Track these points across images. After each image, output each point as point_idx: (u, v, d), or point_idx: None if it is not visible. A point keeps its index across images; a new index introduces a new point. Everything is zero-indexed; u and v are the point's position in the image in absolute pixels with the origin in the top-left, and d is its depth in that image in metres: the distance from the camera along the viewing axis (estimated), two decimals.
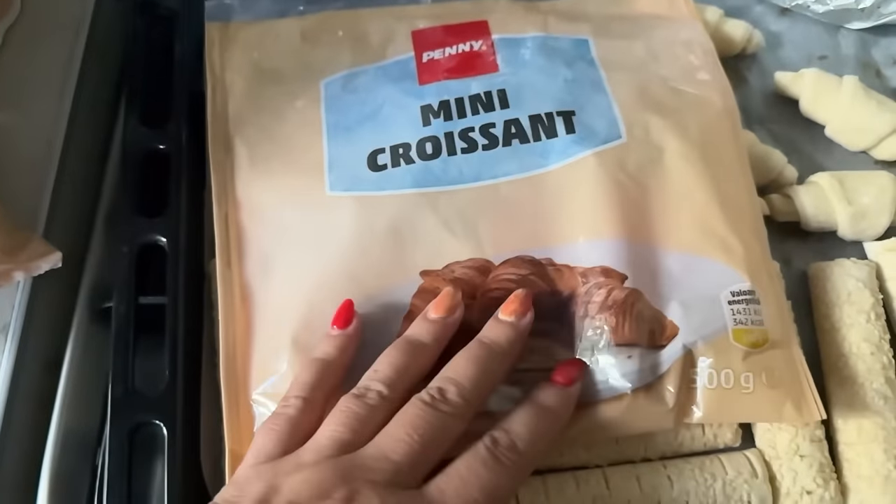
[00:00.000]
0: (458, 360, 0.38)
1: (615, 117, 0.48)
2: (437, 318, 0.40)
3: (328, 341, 0.40)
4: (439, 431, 0.34)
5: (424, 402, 0.35)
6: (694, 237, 0.45)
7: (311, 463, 0.33)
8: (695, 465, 0.43)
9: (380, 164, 0.47)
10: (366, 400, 0.36)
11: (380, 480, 0.32)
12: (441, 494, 0.33)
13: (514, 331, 0.40)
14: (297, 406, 0.37)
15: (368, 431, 0.34)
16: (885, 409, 0.44)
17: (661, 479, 0.42)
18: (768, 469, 0.44)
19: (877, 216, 0.50)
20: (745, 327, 0.42)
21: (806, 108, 0.56)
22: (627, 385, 0.41)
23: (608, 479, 0.43)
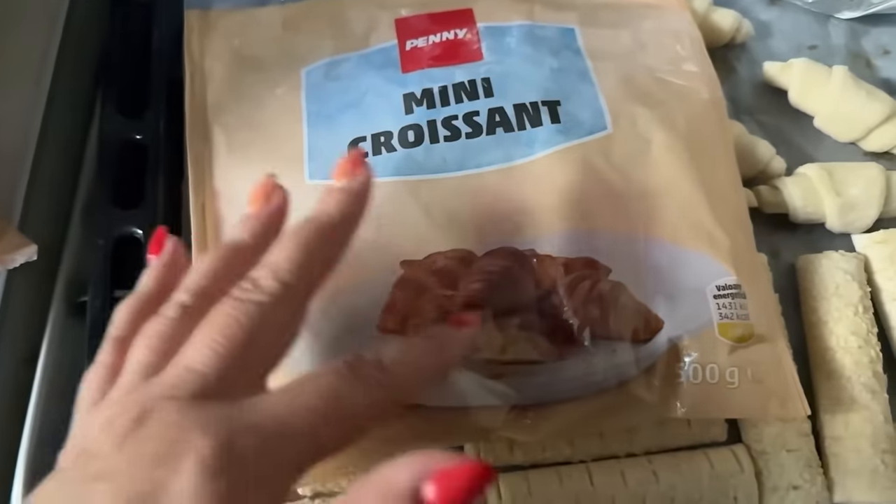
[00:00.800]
0: (276, 243, 0.33)
1: (601, 108, 0.47)
2: (252, 212, 0.35)
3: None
4: (257, 326, 0.29)
5: (233, 298, 0.30)
6: (680, 230, 0.44)
7: (115, 400, 0.29)
8: (681, 460, 0.43)
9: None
10: (167, 315, 0.30)
11: (182, 395, 0.27)
12: (269, 403, 0.27)
13: (346, 195, 0.35)
14: (108, 351, 0.32)
15: (174, 348, 0.29)
16: (873, 402, 0.43)
17: (647, 475, 0.42)
18: (755, 464, 0.43)
19: (865, 208, 0.49)
20: (730, 321, 0.42)
21: (795, 99, 0.55)
22: (611, 379, 0.40)
23: (592, 475, 0.42)
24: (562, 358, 0.41)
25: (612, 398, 0.40)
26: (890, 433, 0.43)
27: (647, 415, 0.41)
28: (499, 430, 0.41)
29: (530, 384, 0.41)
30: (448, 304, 0.42)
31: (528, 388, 0.41)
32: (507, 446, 0.43)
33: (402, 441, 0.40)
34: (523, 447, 0.43)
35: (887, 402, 0.44)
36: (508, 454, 0.43)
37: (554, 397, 0.41)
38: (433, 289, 0.42)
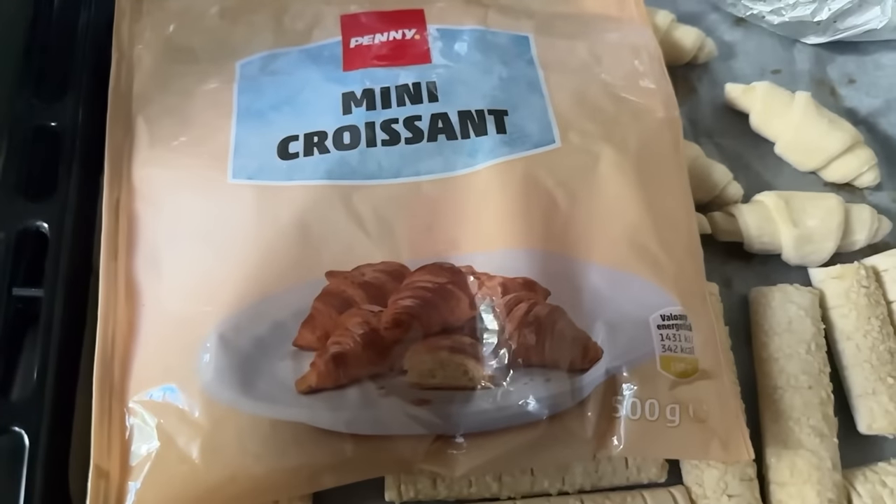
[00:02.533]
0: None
1: (549, 121, 0.44)
2: None
3: None
4: None
5: None
6: (624, 253, 0.41)
7: None
8: (615, 501, 0.40)
9: (291, 151, 0.43)
10: None
11: None
12: None
13: None
14: None
15: None
16: (821, 447, 0.41)
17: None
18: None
19: (822, 240, 0.47)
20: (673, 354, 0.39)
21: (756, 123, 0.53)
22: (544, 411, 0.37)
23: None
24: (494, 385, 0.38)
25: (544, 431, 0.37)
26: (837, 481, 0.41)
27: (581, 450, 0.38)
28: (421, 462, 0.38)
29: (458, 412, 0.38)
30: (374, 321, 0.39)
31: (455, 416, 0.38)
32: (430, 480, 0.40)
33: (315, 471, 0.37)
34: (447, 481, 0.40)
35: (836, 447, 0.42)
36: (431, 488, 0.40)
37: (482, 427, 0.38)
38: (359, 303, 0.39)
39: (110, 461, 0.37)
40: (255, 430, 0.36)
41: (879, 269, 0.48)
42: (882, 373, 0.43)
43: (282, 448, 0.36)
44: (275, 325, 0.38)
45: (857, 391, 0.44)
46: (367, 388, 0.38)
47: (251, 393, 0.37)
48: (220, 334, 0.38)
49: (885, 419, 0.43)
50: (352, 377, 0.38)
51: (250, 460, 0.36)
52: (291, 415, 0.37)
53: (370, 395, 0.37)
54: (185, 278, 0.40)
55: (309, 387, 0.37)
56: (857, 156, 0.51)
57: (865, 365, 0.44)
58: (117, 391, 0.38)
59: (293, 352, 0.38)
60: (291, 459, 0.36)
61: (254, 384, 0.37)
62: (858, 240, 0.49)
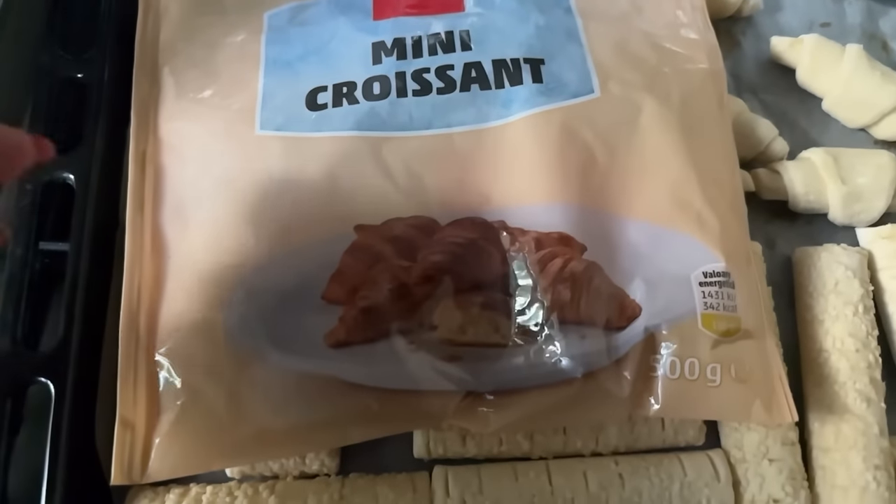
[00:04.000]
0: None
1: (588, 70, 0.42)
2: None
3: None
4: None
5: None
6: (665, 208, 0.39)
7: None
8: (650, 464, 0.38)
9: (319, 102, 0.41)
10: None
11: None
12: None
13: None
14: None
15: None
16: (868, 412, 0.39)
17: (612, 477, 0.37)
18: (733, 472, 0.38)
19: (872, 198, 0.45)
20: (715, 312, 0.37)
21: (803, 78, 0.50)
22: (579, 368, 0.36)
23: (551, 474, 0.38)
24: (526, 342, 0.37)
25: (578, 390, 0.36)
26: (884, 447, 0.39)
27: (616, 410, 0.36)
28: (450, 418, 0.36)
29: (489, 369, 0.36)
30: (403, 276, 0.37)
31: (486, 373, 0.36)
32: (459, 437, 0.39)
33: (342, 425, 0.36)
34: (477, 439, 0.39)
35: (884, 412, 0.40)
36: (461, 446, 0.39)
37: (514, 385, 0.36)
38: (388, 258, 0.38)
39: (136, 413, 0.36)
40: (282, 384, 0.35)
41: None
42: None
43: (309, 402, 0.35)
44: (302, 279, 0.37)
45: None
46: (397, 342, 0.36)
47: (278, 346, 0.36)
48: (247, 287, 0.37)
49: None
50: (381, 332, 0.36)
51: (277, 414, 0.35)
52: (320, 368, 0.35)
53: (400, 350, 0.36)
54: (211, 230, 0.39)
55: (338, 340, 0.36)
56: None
57: None
58: (143, 343, 0.37)
59: (322, 305, 0.37)
60: (319, 413, 0.35)
61: (281, 337, 0.36)
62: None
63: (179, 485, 0.38)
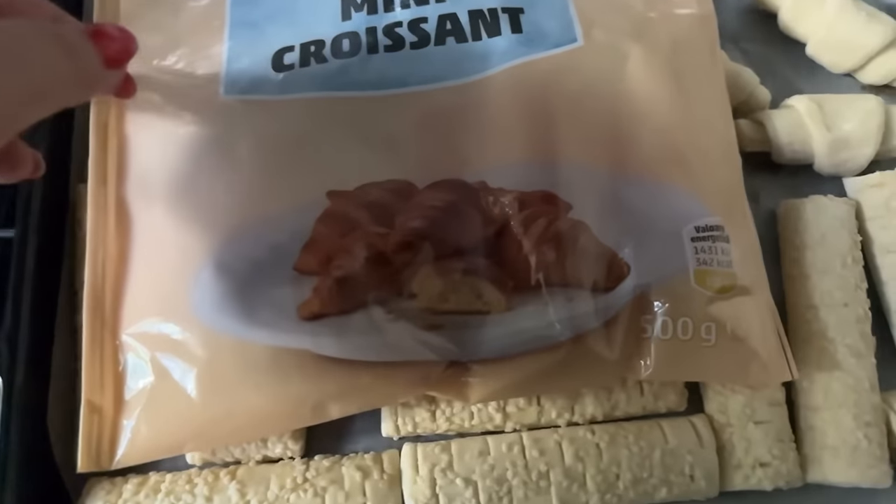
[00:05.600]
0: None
1: (571, 17, 0.38)
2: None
3: None
4: None
5: None
6: (655, 160, 0.35)
7: None
8: (629, 432, 0.35)
9: (286, 63, 0.37)
10: None
11: None
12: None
13: None
14: None
15: None
16: (858, 367, 0.36)
17: (588, 447, 0.34)
18: (717, 437, 0.35)
19: (860, 145, 0.41)
20: (709, 268, 0.34)
21: (785, 22, 0.46)
22: (566, 332, 0.32)
23: (525, 446, 0.34)
24: (510, 308, 0.33)
25: (566, 354, 0.32)
26: (876, 403, 0.35)
27: (607, 374, 0.33)
28: (433, 389, 0.33)
29: (473, 337, 0.33)
30: (380, 244, 0.33)
31: (469, 341, 0.33)
32: (429, 413, 0.35)
33: (319, 400, 0.32)
34: (447, 414, 0.35)
35: (874, 367, 0.36)
36: (431, 422, 0.35)
37: (499, 353, 0.33)
38: (364, 225, 0.34)
39: (103, 396, 0.32)
40: (255, 360, 0.32)
41: None
42: None
43: (283, 377, 0.32)
44: (274, 249, 0.33)
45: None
46: (375, 312, 0.32)
47: (250, 320, 0.32)
48: (216, 260, 0.33)
49: None
50: (357, 302, 0.33)
51: (250, 391, 0.31)
52: (294, 342, 0.32)
53: (378, 320, 0.32)
54: (178, 202, 0.34)
55: (312, 312, 0.32)
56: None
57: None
58: (109, 323, 0.33)
59: (294, 276, 0.33)
60: (294, 389, 0.31)
61: (253, 311, 0.32)
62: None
63: (138, 474, 0.34)
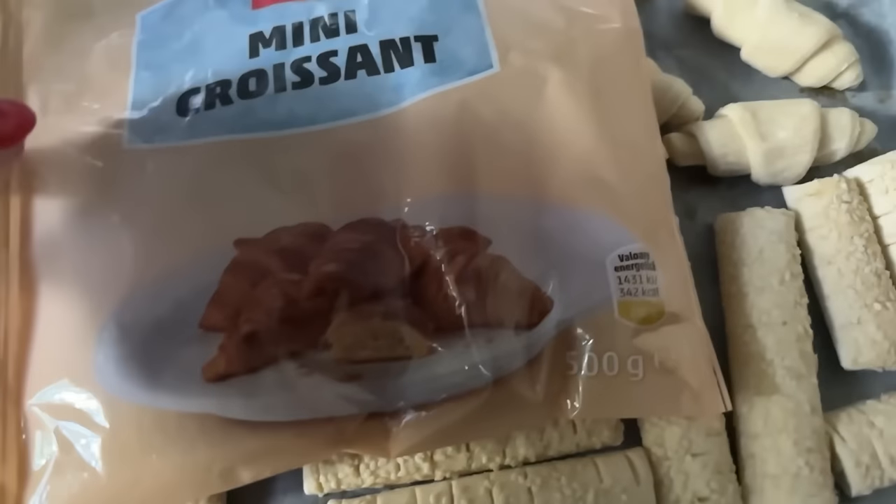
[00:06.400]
0: None
1: (487, 43, 0.35)
2: None
3: None
4: None
5: None
6: (576, 188, 0.33)
7: None
8: (562, 473, 0.32)
9: (192, 107, 0.34)
10: None
11: None
12: None
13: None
14: None
15: None
16: (798, 390, 0.33)
17: (519, 493, 0.31)
18: (655, 472, 0.32)
19: (795, 153, 0.38)
20: (633, 299, 0.31)
21: (718, 27, 0.43)
22: (487, 375, 0.30)
23: (454, 496, 0.31)
24: (432, 351, 0.31)
25: (489, 398, 0.30)
26: (817, 427, 0.33)
27: (534, 416, 0.31)
28: (351, 444, 0.30)
29: (394, 385, 0.31)
30: (293, 292, 0.31)
31: (390, 390, 0.31)
32: (352, 467, 0.32)
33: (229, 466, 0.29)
34: (372, 468, 0.32)
35: (816, 388, 0.34)
36: (354, 476, 0.32)
37: (422, 399, 0.31)
38: (275, 273, 0.31)
39: (6, 472, 0.30)
40: (159, 426, 0.29)
41: (864, 181, 0.38)
42: (868, 298, 0.35)
43: (189, 444, 0.29)
44: (178, 305, 0.31)
45: (840, 321, 0.35)
46: (286, 368, 0.30)
47: (154, 385, 0.30)
48: (117, 320, 0.31)
49: (872, 351, 0.34)
50: (267, 358, 0.30)
51: (155, 460, 0.29)
52: (199, 406, 0.29)
53: (289, 377, 0.30)
54: (81, 262, 0.32)
55: (217, 373, 0.30)
56: (834, 53, 0.41)
57: (848, 291, 0.35)
58: (12, 393, 0.31)
59: (200, 334, 0.30)
60: (200, 455, 0.29)
61: (157, 374, 0.30)
62: (839, 149, 0.39)
63: None
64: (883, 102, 0.43)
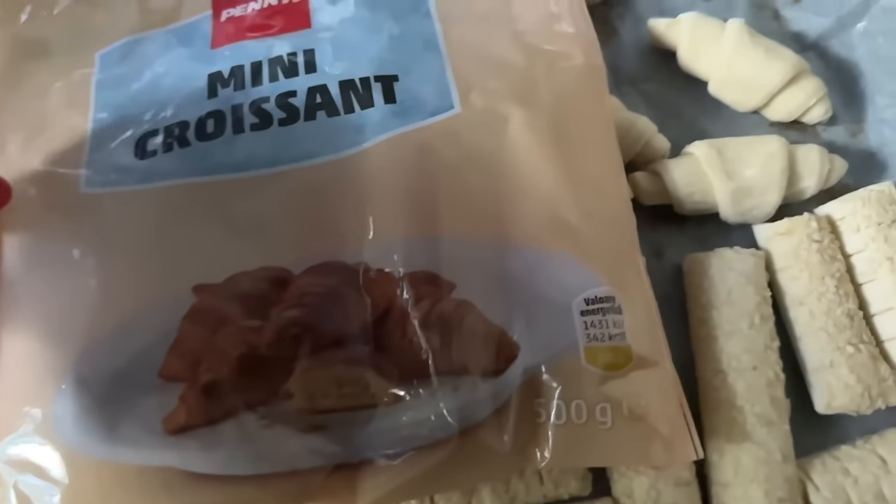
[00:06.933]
0: None
1: (447, 83, 0.34)
2: None
3: None
4: None
5: None
6: (539, 229, 0.32)
7: None
8: None
9: (149, 149, 0.33)
10: None
11: None
12: None
13: None
14: None
15: None
16: (769, 437, 0.32)
17: None
18: None
19: (763, 192, 0.37)
20: (600, 344, 0.30)
21: (684, 62, 0.42)
22: (453, 424, 0.29)
23: None
24: (397, 399, 0.30)
25: (455, 449, 0.29)
26: (790, 475, 0.32)
27: (501, 467, 0.29)
28: (317, 497, 0.29)
29: (360, 436, 0.29)
30: (253, 339, 0.30)
31: (355, 440, 0.29)
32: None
33: None
34: None
35: (788, 434, 0.33)
36: None
37: (388, 449, 0.29)
38: (235, 320, 0.30)
39: None
40: (119, 481, 0.28)
41: (835, 219, 0.37)
42: (840, 341, 0.34)
43: (150, 499, 0.28)
44: (136, 355, 0.29)
45: (813, 365, 0.34)
46: (246, 420, 0.29)
47: (113, 438, 0.28)
48: (76, 372, 0.29)
49: (846, 395, 0.33)
50: (227, 409, 0.29)
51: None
52: (158, 459, 0.28)
53: (249, 429, 0.29)
54: (37, 314, 0.31)
55: (177, 425, 0.28)
56: (802, 87, 0.40)
57: (821, 333, 0.34)
58: None
59: (159, 384, 0.29)
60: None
61: (115, 427, 0.29)
62: (808, 186, 0.38)
63: None
64: (854, 136, 0.42)
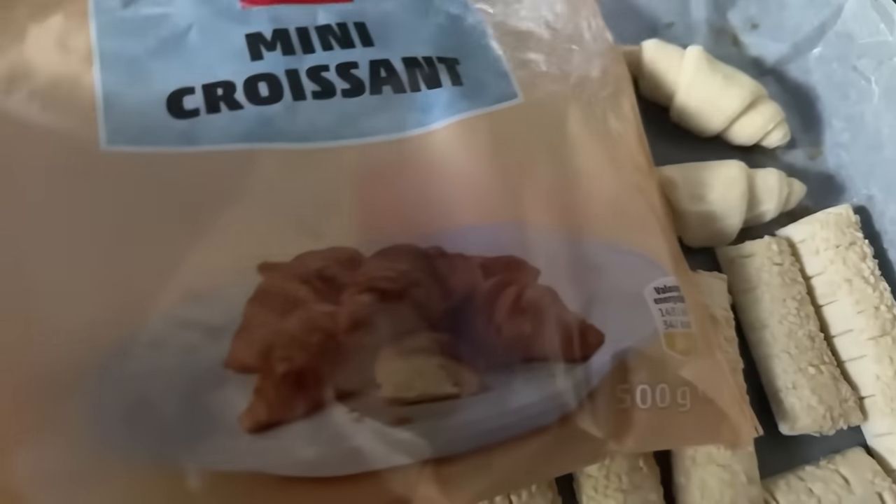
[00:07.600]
0: None
1: (507, 72, 0.34)
2: None
3: None
4: None
5: None
6: (606, 220, 0.32)
7: None
8: None
9: (188, 108, 0.28)
10: None
11: None
12: None
13: None
14: None
15: None
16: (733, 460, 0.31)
17: None
18: None
19: (724, 217, 0.37)
20: (676, 331, 0.31)
21: (645, 89, 0.42)
22: (553, 411, 0.27)
23: None
24: (485, 389, 0.27)
25: (555, 436, 0.27)
26: (754, 497, 0.32)
27: (595, 452, 0.28)
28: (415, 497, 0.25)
29: (447, 428, 0.26)
30: (329, 325, 0.26)
31: (443, 433, 0.26)
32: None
33: None
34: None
35: (753, 456, 0.32)
36: None
37: (479, 442, 0.27)
38: (307, 303, 0.26)
39: None
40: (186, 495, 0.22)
41: (795, 241, 0.38)
42: (802, 362, 0.34)
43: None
44: (193, 345, 0.24)
45: (776, 386, 0.34)
46: (336, 413, 0.25)
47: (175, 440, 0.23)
48: (105, 374, 0.23)
49: (808, 416, 0.33)
50: (313, 401, 0.25)
51: None
52: (241, 463, 0.23)
53: (341, 423, 0.25)
54: (56, 290, 0.24)
55: (258, 422, 0.24)
56: (760, 113, 0.41)
57: (783, 355, 0.34)
58: None
59: (227, 376, 0.24)
60: None
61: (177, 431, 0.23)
62: (768, 210, 0.39)
63: None
64: (813, 159, 0.44)
